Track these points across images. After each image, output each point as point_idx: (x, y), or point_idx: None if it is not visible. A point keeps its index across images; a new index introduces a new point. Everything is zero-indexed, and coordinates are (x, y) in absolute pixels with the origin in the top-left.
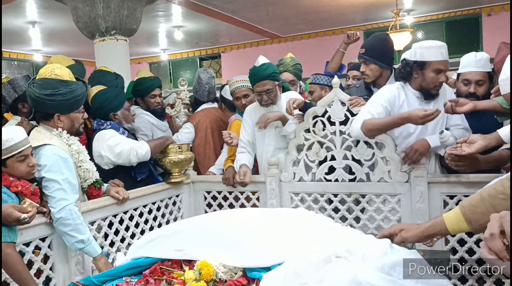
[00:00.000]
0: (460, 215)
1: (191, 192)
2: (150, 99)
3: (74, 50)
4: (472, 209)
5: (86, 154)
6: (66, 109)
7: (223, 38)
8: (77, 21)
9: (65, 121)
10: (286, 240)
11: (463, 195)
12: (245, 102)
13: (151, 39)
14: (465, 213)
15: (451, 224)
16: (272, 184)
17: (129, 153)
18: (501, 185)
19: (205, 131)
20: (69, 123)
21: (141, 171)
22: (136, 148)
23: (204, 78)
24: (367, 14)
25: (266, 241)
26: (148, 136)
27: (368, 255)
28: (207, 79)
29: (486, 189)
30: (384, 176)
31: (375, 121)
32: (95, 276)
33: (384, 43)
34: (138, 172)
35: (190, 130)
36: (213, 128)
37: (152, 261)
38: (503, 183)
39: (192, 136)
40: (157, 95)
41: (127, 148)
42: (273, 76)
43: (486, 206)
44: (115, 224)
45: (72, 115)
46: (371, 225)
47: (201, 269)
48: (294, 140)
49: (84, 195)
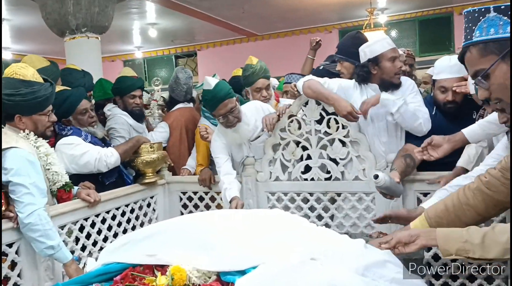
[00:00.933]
0: (427, 226)
1: (166, 193)
2: (129, 99)
3: (45, 48)
4: (438, 220)
5: (55, 156)
6: (27, 111)
7: (198, 36)
8: (47, 18)
9: (27, 123)
10: (262, 243)
11: None
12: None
13: (124, 37)
14: (431, 224)
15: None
16: (249, 184)
17: (97, 163)
18: (464, 195)
19: (180, 130)
20: (31, 125)
21: (109, 175)
22: (105, 157)
23: (182, 78)
24: (342, 13)
25: (241, 244)
26: (125, 138)
27: (343, 257)
28: (185, 79)
29: (450, 198)
30: (359, 175)
31: (315, 85)
32: (64, 283)
33: (355, 41)
34: (107, 176)
35: (164, 129)
36: (188, 128)
37: (124, 266)
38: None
39: (166, 135)
40: (137, 96)
41: (94, 157)
42: (230, 93)
43: (451, 217)
44: (86, 227)
45: (34, 118)
46: (347, 223)
47: (174, 274)
48: (270, 139)
49: (53, 198)
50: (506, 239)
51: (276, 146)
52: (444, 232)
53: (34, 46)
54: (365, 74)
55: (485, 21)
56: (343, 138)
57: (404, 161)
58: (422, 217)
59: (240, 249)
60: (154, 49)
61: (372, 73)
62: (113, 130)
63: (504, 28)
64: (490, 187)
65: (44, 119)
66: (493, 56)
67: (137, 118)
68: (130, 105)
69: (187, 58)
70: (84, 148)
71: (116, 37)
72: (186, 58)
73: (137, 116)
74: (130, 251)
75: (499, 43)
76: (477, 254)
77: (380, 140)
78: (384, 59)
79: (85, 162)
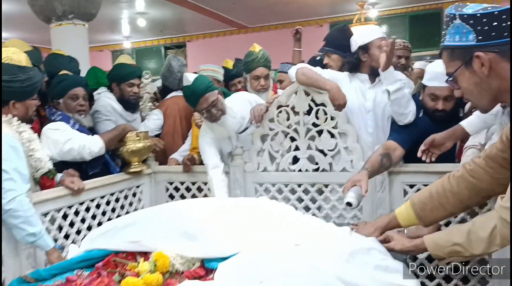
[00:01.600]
0: (412, 212)
1: (152, 183)
2: (127, 87)
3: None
4: (422, 206)
5: (38, 142)
6: (22, 96)
7: (188, 26)
8: (32, 5)
9: (20, 108)
10: (246, 230)
11: (422, 184)
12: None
13: (113, 26)
14: (416, 210)
15: (403, 220)
16: (236, 174)
17: (80, 150)
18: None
19: (174, 118)
20: (23, 110)
21: (93, 165)
22: (89, 145)
23: (176, 66)
24: (334, 7)
25: (225, 231)
26: (112, 121)
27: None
28: (178, 67)
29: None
30: (347, 166)
31: (309, 72)
32: (45, 269)
33: (342, 33)
34: (90, 166)
35: (158, 117)
36: (182, 116)
37: (106, 253)
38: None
39: (161, 123)
40: (135, 85)
41: (78, 145)
42: (210, 87)
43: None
44: (70, 215)
45: (27, 103)
46: (334, 214)
47: (157, 261)
48: (258, 130)
49: (36, 185)
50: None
51: (264, 137)
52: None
53: (19, 34)
54: (355, 61)
55: (453, 27)
56: (331, 129)
57: (379, 161)
58: (408, 203)
59: (225, 236)
60: (143, 40)
61: (362, 60)
62: (98, 113)
63: (466, 36)
64: (473, 175)
65: (34, 103)
66: (458, 61)
67: (131, 107)
68: (128, 94)
69: (177, 50)
70: (69, 135)
71: (104, 27)
72: (176, 49)
73: (132, 105)
74: (112, 238)
75: (463, 50)
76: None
77: (367, 130)
78: (373, 47)
79: (69, 148)
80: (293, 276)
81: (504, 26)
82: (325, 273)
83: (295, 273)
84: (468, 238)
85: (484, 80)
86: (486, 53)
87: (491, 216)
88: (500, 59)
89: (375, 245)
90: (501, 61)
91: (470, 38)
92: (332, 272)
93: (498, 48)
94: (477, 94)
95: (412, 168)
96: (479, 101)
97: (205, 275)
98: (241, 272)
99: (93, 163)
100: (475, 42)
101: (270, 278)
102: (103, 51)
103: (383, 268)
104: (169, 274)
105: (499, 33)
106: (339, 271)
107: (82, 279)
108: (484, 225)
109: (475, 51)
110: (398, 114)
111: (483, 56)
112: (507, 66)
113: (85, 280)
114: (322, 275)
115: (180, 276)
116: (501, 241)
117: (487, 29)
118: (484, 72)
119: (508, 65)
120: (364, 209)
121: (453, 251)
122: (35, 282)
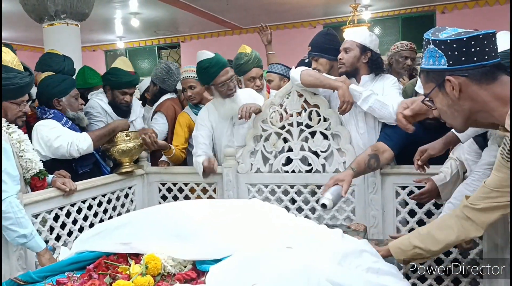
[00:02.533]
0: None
1: (145, 184)
2: (120, 95)
3: (22, 35)
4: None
5: (28, 143)
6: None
7: (182, 27)
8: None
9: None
10: (238, 232)
11: (414, 185)
12: (190, 93)
13: (106, 26)
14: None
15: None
16: (229, 175)
17: (69, 147)
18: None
19: (172, 121)
20: (4, 112)
21: (83, 164)
22: (77, 142)
23: (175, 69)
24: (327, 8)
25: (217, 233)
26: (104, 122)
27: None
28: (176, 70)
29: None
30: (340, 167)
31: (315, 73)
32: (35, 271)
33: (327, 37)
34: (80, 164)
35: (164, 120)
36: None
37: (97, 255)
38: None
39: (166, 127)
40: (128, 93)
41: (67, 141)
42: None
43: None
44: (61, 217)
45: (4, 104)
46: (326, 215)
47: (148, 263)
48: (251, 130)
49: (27, 186)
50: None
51: (257, 138)
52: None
53: (12, 33)
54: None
55: (427, 51)
56: (324, 131)
57: (367, 161)
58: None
59: (216, 238)
60: (136, 40)
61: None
62: (89, 114)
63: (439, 60)
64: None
65: (14, 108)
66: (432, 84)
67: (122, 113)
68: (120, 100)
69: (170, 50)
70: (59, 132)
71: (97, 27)
72: (169, 49)
73: (123, 112)
74: (104, 239)
75: (436, 73)
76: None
77: (359, 131)
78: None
79: (58, 145)
80: (286, 278)
81: (473, 51)
82: (318, 275)
83: (287, 275)
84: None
85: (456, 102)
86: (456, 77)
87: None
88: (470, 83)
89: (367, 247)
90: (471, 84)
91: (442, 62)
92: (324, 274)
93: (468, 72)
94: (451, 114)
95: (404, 169)
96: (453, 121)
97: (196, 278)
98: (233, 275)
99: (83, 162)
100: (446, 66)
101: (262, 281)
102: (96, 51)
103: (375, 270)
104: (160, 277)
105: (468, 58)
106: (332, 273)
107: (73, 282)
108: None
109: (446, 75)
110: (381, 118)
111: (453, 80)
112: (478, 90)
113: (76, 282)
114: (314, 278)
115: (171, 278)
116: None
117: (457, 54)
118: (455, 94)
119: (479, 88)
120: (356, 211)
121: (415, 254)
122: (25, 285)
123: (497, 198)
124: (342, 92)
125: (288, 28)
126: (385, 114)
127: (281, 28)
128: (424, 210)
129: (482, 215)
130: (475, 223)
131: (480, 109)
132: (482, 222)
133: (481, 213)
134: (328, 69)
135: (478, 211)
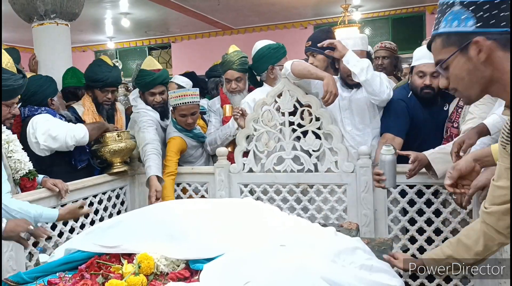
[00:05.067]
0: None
1: (136, 184)
2: (149, 97)
3: (11, 35)
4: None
5: (17, 143)
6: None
7: (173, 27)
8: (13, 3)
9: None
10: (231, 231)
11: (405, 184)
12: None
13: (96, 26)
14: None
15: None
16: (221, 175)
17: (65, 136)
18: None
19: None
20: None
21: (81, 158)
22: (73, 131)
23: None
24: (318, 9)
25: (210, 232)
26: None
27: (313, 244)
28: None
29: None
30: (331, 167)
31: (305, 63)
32: (26, 272)
33: (327, 35)
34: (79, 159)
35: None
36: None
37: (89, 255)
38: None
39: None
40: (156, 93)
41: (63, 130)
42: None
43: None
44: None
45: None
46: (319, 215)
47: (141, 262)
48: (243, 130)
49: (16, 187)
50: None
51: (249, 137)
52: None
53: None
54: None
55: (450, 13)
56: (316, 130)
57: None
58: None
59: (210, 237)
60: (127, 40)
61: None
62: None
63: (465, 22)
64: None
65: (4, 109)
66: (453, 47)
67: (161, 115)
68: (151, 102)
69: (161, 50)
70: (56, 122)
71: (87, 27)
72: (160, 50)
73: (161, 113)
74: (96, 239)
75: (460, 35)
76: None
77: (345, 128)
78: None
79: (55, 135)
80: (279, 276)
81: (502, 16)
82: (311, 273)
83: (281, 273)
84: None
85: (478, 67)
86: (485, 40)
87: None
88: (496, 47)
89: (360, 245)
90: (497, 49)
91: (469, 24)
92: (318, 272)
93: (496, 36)
94: (468, 81)
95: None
96: (468, 90)
97: (190, 277)
98: (227, 273)
99: (80, 156)
100: (474, 28)
101: (256, 279)
102: (86, 52)
103: (368, 267)
104: (153, 276)
105: (497, 21)
106: (325, 271)
107: (64, 282)
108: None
109: (472, 37)
110: (373, 94)
111: (483, 42)
112: (504, 56)
113: (68, 282)
114: (308, 275)
115: (164, 277)
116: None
117: (487, 16)
118: (480, 58)
119: (504, 55)
120: (348, 210)
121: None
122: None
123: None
124: (327, 81)
125: (279, 29)
126: (381, 91)
127: (272, 29)
128: (415, 208)
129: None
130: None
131: (498, 79)
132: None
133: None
134: (325, 66)
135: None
